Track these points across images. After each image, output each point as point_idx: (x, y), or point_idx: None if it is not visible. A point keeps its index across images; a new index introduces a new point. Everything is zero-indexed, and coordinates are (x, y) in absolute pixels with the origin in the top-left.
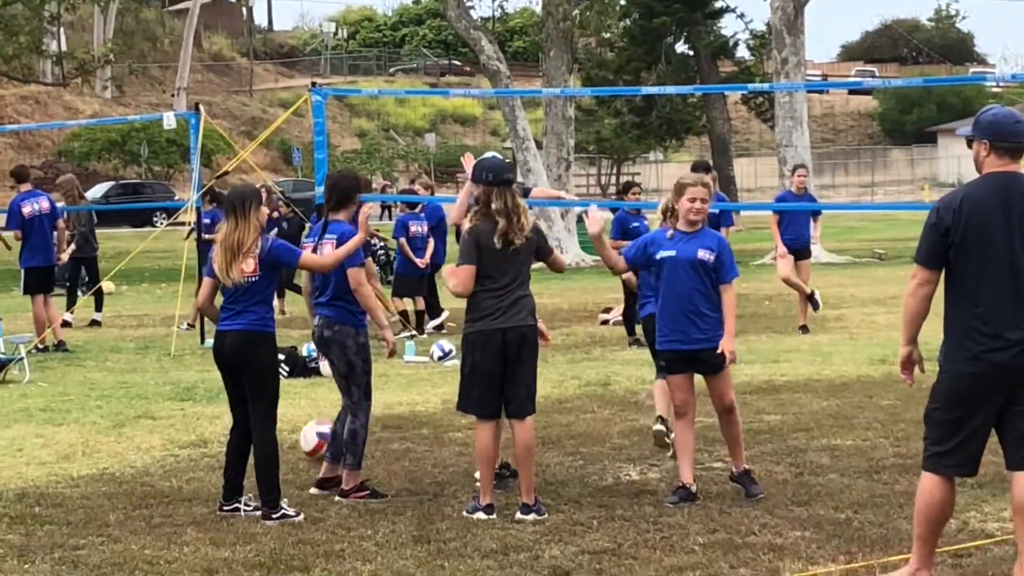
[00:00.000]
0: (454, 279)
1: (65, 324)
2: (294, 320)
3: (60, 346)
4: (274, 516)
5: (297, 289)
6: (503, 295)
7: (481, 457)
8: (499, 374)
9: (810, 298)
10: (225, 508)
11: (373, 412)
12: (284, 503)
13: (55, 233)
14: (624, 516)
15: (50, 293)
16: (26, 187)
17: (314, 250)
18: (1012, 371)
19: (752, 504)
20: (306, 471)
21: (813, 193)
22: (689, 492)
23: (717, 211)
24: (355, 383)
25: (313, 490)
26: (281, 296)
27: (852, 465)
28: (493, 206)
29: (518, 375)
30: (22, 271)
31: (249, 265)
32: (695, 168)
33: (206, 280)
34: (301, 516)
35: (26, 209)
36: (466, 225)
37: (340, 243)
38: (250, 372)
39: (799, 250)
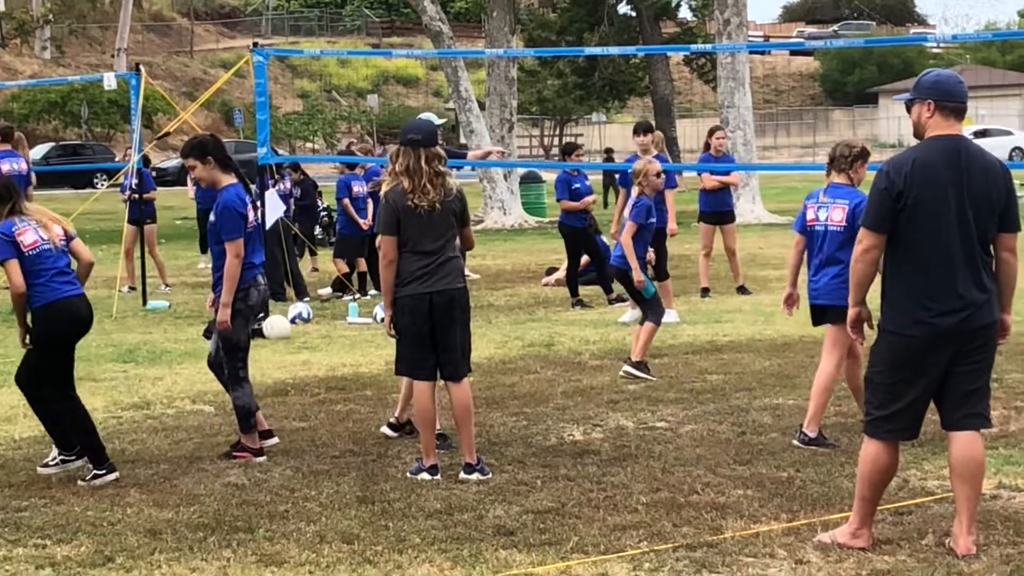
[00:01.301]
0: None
1: None
2: None
3: None
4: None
5: None
6: (429, 259)
7: (422, 420)
8: (429, 336)
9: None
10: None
11: (317, 374)
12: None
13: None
14: (568, 476)
15: None
16: (6, 147)
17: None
18: (957, 335)
19: (694, 464)
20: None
21: (733, 155)
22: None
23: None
24: None
25: (269, 442)
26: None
27: (794, 424)
28: (396, 167)
29: (449, 338)
30: None
31: (58, 230)
32: (637, 129)
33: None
34: (116, 474)
35: (4, 167)
36: (382, 191)
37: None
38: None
39: (722, 214)
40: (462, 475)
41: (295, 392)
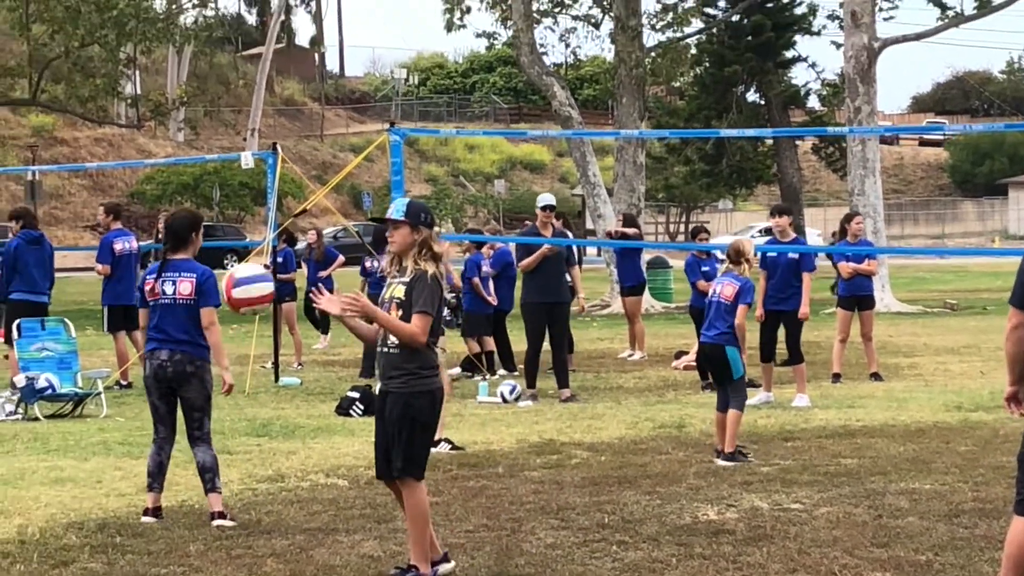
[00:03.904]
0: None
1: None
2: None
3: (127, 386)
4: None
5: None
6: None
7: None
8: None
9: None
10: None
11: (448, 451)
12: None
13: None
14: (703, 555)
15: (134, 330)
16: (117, 225)
17: (152, 288)
18: None
19: (831, 545)
20: (386, 506)
21: (871, 239)
22: None
23: (798, 256)
24: (207, 415)
25: (146, 518)
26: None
27: (931, 508)
28: (437, 247)
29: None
30: (105, 308)
31: None
32: (777, 211)
33: None
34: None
35: (118, 246)
36: (430, 271)
37: (199, 283)
38: None
39: (861, 299)
40: None
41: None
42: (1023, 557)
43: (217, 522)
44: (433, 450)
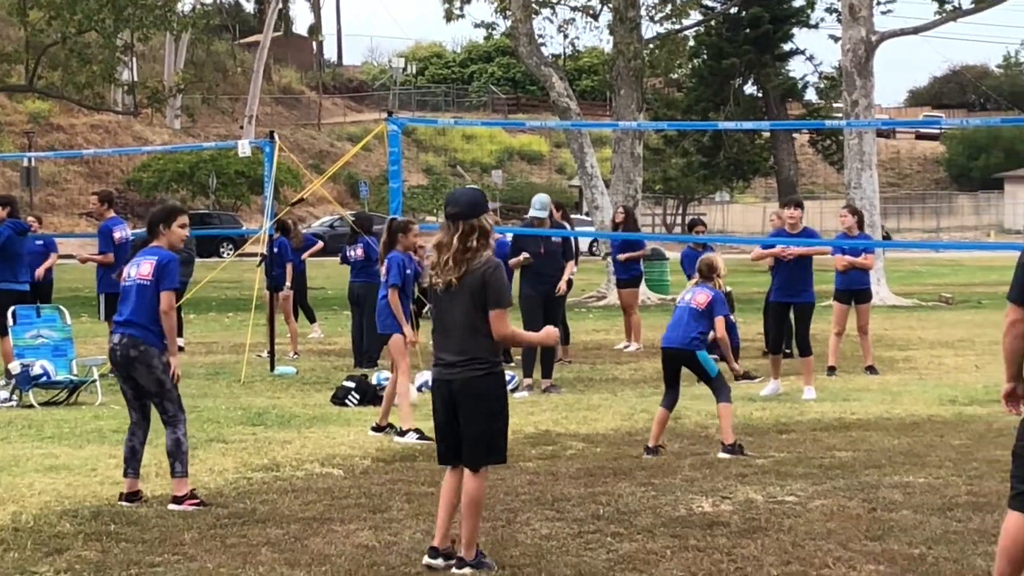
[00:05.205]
0: None
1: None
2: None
3: None
4: None
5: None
6: (447, 341)
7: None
8: (448, 422)
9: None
10: None
11: (416, 440)
12: None
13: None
14: (697, 547)
15: None
16: (111, 213)
17: (121, 273)
18: None
19: (825, 538)
20: (380, 496)
21: (868, 233)
22: None
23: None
24: (168, 399)
25: (125, 503)
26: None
27: (925, 502)
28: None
29: (469, 425)
30: (101, 296)
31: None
32: (793, 203)
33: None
34: None
35: (117, 234)
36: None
37: (159, 265)
38: None
39: (857, 293)
40: (454, 570)
41: (423, 458)
42: (1017, 551)
43: (171, 506)
44: (402, 440)
